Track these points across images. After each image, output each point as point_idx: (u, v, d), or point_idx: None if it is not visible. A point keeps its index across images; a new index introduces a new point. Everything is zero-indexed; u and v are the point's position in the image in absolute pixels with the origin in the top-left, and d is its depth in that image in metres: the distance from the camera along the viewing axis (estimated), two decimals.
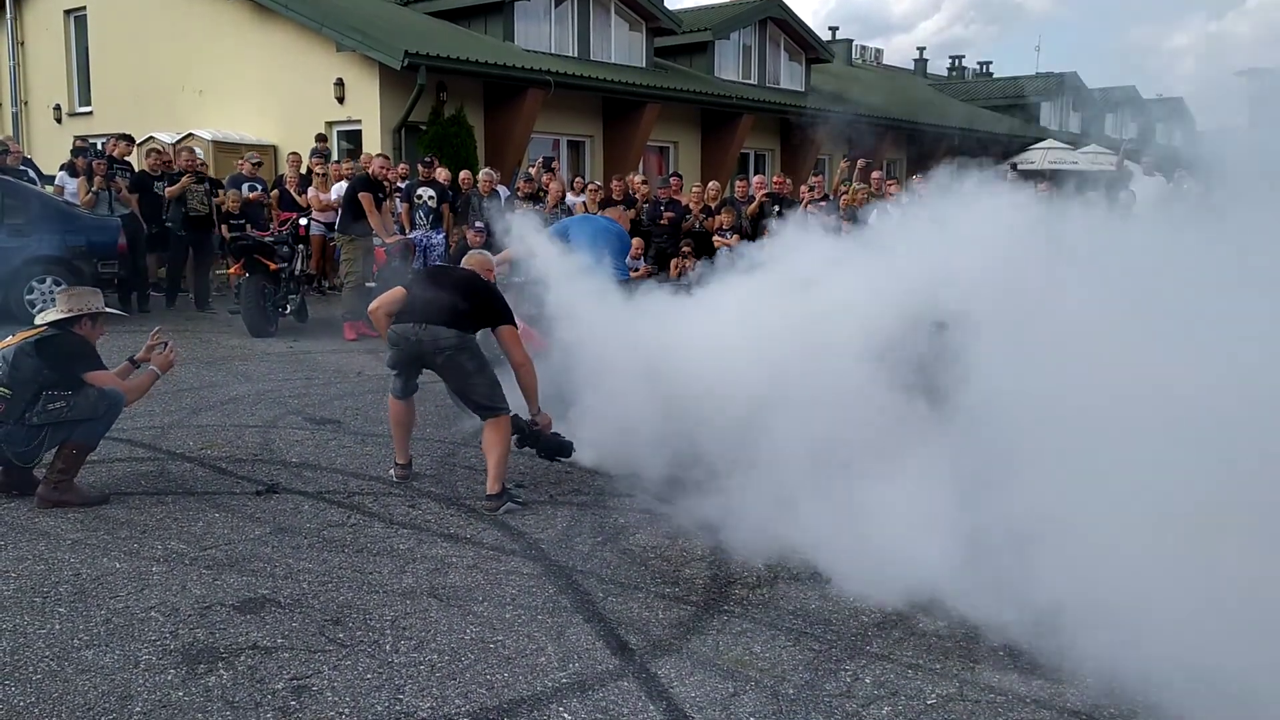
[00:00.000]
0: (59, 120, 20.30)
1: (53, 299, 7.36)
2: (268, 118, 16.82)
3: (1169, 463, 3.58)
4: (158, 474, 5.56)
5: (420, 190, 11.85)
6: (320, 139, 14.93)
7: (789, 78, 24.27)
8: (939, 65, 37.81)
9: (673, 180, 13.38)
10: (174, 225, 11.72)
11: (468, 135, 16.05)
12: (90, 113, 19.76)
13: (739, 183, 14.29)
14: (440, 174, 12.44)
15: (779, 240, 6.31)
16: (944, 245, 5.26)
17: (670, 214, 12.32)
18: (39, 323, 5.03)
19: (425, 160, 13.21)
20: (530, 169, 14.47)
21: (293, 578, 4.13)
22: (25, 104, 21.13)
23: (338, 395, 7.68)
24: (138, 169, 12.54)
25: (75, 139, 15.51)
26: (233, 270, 10.88)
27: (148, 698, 3.15)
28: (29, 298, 10.04)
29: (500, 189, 12.66)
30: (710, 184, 13.52)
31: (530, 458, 6.04)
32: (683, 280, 9.50)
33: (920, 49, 41.58)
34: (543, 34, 19.22)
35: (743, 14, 22.86)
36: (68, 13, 20.15)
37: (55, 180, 12.01)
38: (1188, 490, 3.54)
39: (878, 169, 14.01)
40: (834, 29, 34.96)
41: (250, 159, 12.73)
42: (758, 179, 14.46)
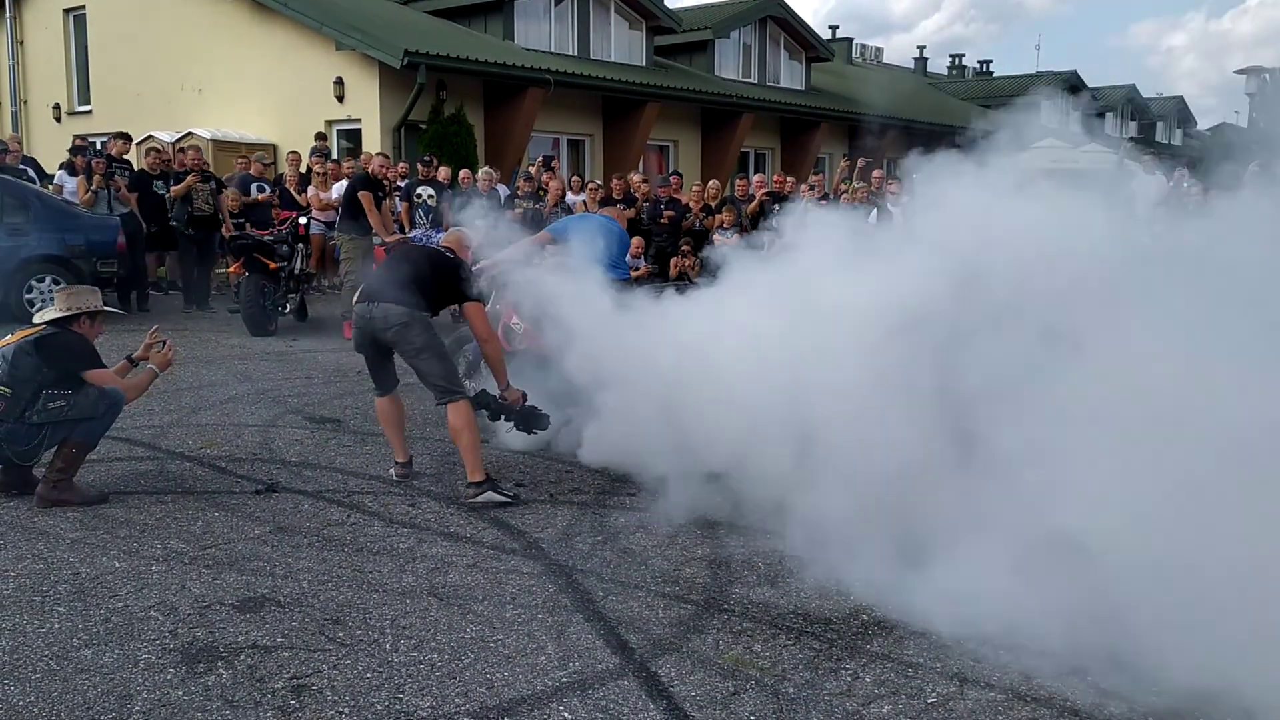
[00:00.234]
0: (58, 119, 20.30)
1: (52, 298, 7.35)
2: (267, 117, 16.81)
3: None
4: (157, 473, 5.55)
5: (420, 189, 11.85)
6: (320, 138, 14.93)
7: (789, 76, 24.28)
8: (939, 64, 37.85)
9: (672, 179, 13.38)
10: (180, 225, 11.70)
11: (467, 134, 16.05)
12: (89, 112, 19.76)
13: (739, 181, 14.29)
14: (441, 173, 12.44)
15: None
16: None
17: (670, 213, 12.31)
18: (38, 321, 5.03)
19: (425, 159, 13.21)
20: (530, 168, 14.47)
21: (292, 577, 4.12)
22: (25, 103, 21.13)
23: (337, 394, 7.67)
24: (137, 168, 12.55)
25: (75, 138, 15.52)
26: (232, 269, 10.88)
27: (147, 697, 3.15)
28: (28, 297, 10.04)
29: (500, 188, 12.66)
30: (710, 183, 13.53)
31: (530, 456, 6.04)
32: (682, 281, 9.49)
33: (920, 47, 41.60)
34: (542, 33, 19.23)
35: (743, 13, 22.86)
36: (67, 11, 20.15)
37: (54, 179, 12.01)
38: None
39: (878, 168, 14.00)
40: (834, 28, 35.10)
41: (259, 159, 12.73)
42: (758, 178, 14.47)
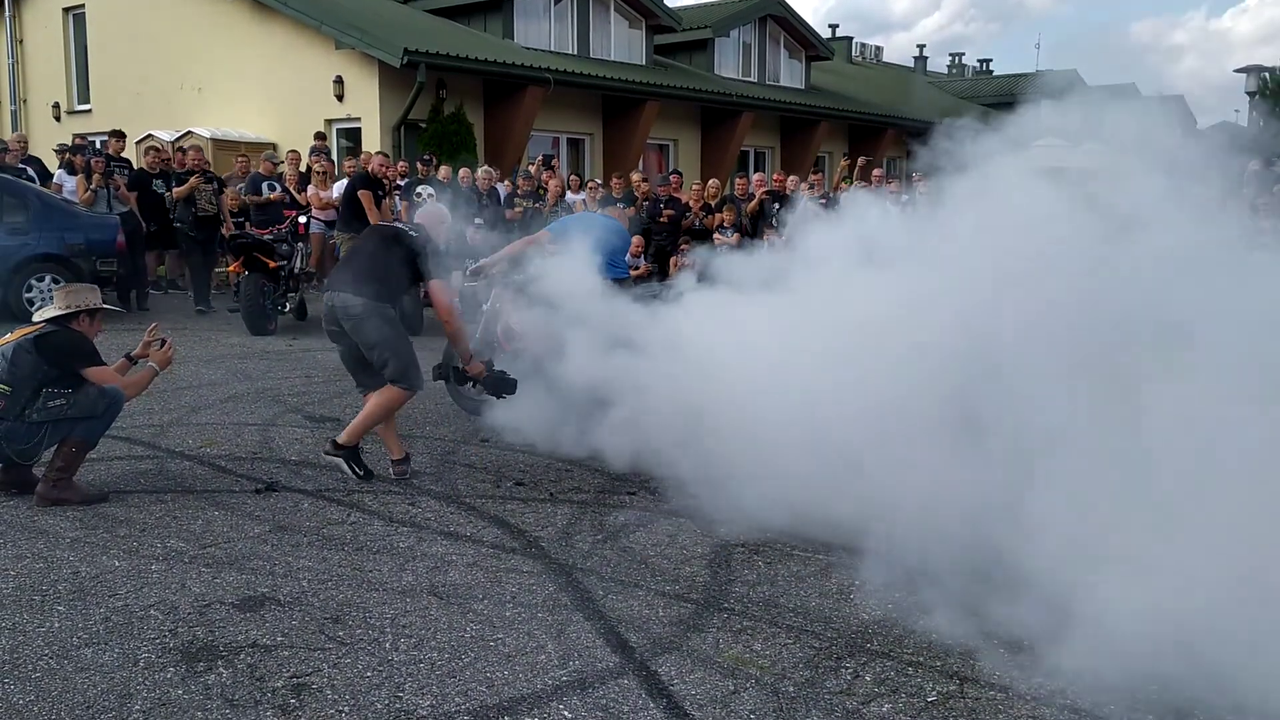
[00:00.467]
0: (57, 118, 20.29)
1: (51, 297, 7.36)
2: (267, 115, 16.81)
3: None
4: (157, 472, 5.55)
5: (420, 188, 11.85)
6: (319, 137, 14.93)
7: (789, 75, 24.27)
8: (939, 63, 37.83)
9: (672, 178, 13.38)
10: (184, 226, 11.68)
11: (467, 133, 16.05)
12: (89, 110, 19.75)
13: (739, 180, 14.29)
14: (441, 172, 12.44)
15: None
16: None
17: (670, 212, 12.31)
18: (37, 319, 5.03)
19: (424, 158, 13.20)
20: (530, 167, 14.46)
21: (292, 576, 4.12)
22: (24, 102, 21.12)
23: (337, 393, 7.67)
24: (136, 167, 12.54)
25: (74, 136, 15.51)
26: (232, 268, 10.88)
27: (147, 696, 3.15)
28: (28, 296, 10.04)
29: (499, 186, 12.67)
30: (710, 181, 13.53)
31: (530, 455, 6.04)
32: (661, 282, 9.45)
33: (920, 46, 41.57)
34: (542, 31, 19.22)
35: (742, 11, 22.85)
36: (66, 10, 20.14)
37: (54, 178, 12.01)
38: None
39: (878, 167, 14.01)
40: (834, 26, 35.01)
41: (269, 157, 12.73)
42: (758, 176, 14.47)
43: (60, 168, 12.20)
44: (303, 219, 11.14)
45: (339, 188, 12.06)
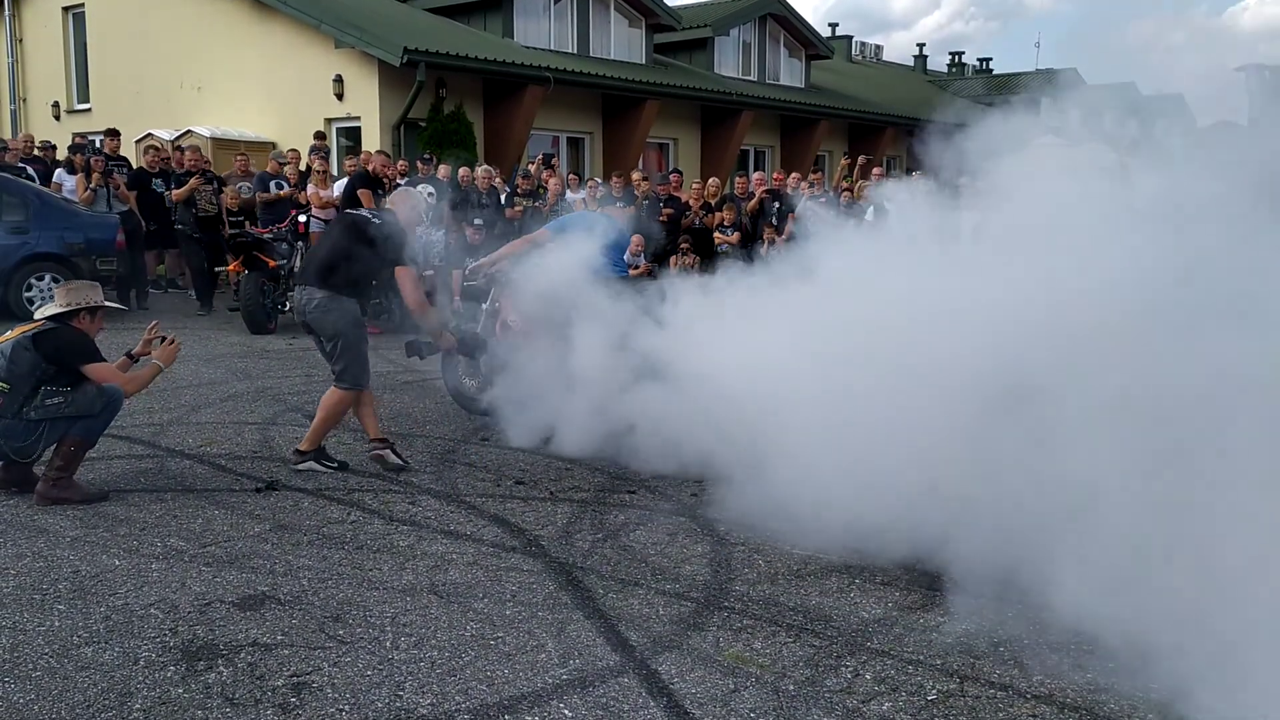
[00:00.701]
0: (57, 117, 20.28)
1: (52, 296, 7.36)
2: (266, 114, 16.80)
3: None
4: (157, 471, 5.55)
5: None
6: (319, 136, 14.92)
7: (789, 74, 24.26)
8: (938, 62, 37.78)
9: (672, 177, 13.38)
10: (185, 227, 11.66)
11: (467, 132, 16.05)
12: (89, 109, 19.74)
13: (739, 179, 14.29)
14: (441, 171, 12.44)
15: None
16: None
17: (669, 210, 12.31)
18: (38, 317, 5.03)
19: (424, 157, 13.19)
20: (530, 165, 14.46)
21: (292, 575, 4.12)
22: (24, 101, 21.11)
23: None
24: (135, 166, 12.53)
25: (74, 135, 15.50)
26: (231, 267, 10.87)
27: (147, 695, 3.15)
28: (28, 295, 10.05)
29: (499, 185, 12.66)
30: (710, 180, 13.53)
31: (530, 455, 6.04)
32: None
33: (920, 45, 41.55)
34: (542, 30, 19.22)
35: (742, 10, 22.84)
36: (66, 9, 20.13)
37: (54, 177, 12.01)
38: None
39: (878, 165, 14.01)
40: (833, 25, 34.96)
41: (276, 156, 12.71)
42: (758, 175, 14.47)
43: (59, 167, 12.20)
44: (303, 218, 11.14)
45: (339, 187, 12.05)
